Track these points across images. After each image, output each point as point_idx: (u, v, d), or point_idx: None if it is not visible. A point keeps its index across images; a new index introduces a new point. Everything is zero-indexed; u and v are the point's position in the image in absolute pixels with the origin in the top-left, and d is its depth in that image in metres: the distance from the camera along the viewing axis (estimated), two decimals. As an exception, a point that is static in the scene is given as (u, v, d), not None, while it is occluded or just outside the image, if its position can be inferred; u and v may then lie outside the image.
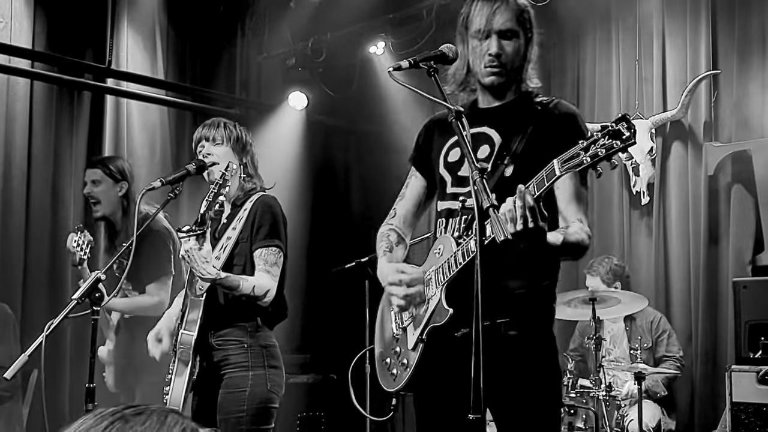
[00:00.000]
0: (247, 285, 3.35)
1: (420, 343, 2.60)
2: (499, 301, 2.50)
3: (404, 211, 2.94)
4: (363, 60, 7.04)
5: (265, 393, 3.40)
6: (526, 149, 2.56)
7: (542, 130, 2.58)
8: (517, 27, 2.61)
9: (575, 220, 2.54)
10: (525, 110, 2.65)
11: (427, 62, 2.50)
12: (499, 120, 2.67)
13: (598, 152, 2.05)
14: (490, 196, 2.17)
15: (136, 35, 6.60)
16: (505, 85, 2.67)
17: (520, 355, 2.54)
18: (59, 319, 3.32)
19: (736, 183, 5.47)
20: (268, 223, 3.48)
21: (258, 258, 3.44)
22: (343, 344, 6.91)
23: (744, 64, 5.51)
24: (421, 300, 2.65)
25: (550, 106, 2.65)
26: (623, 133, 2.02)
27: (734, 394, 4.51)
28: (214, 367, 3.43)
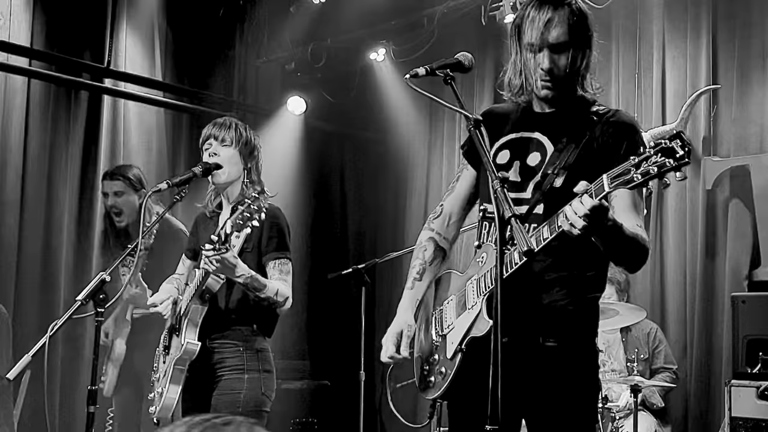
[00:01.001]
0: (272, 288, 3.40)
1: (459, 353, 2.57)
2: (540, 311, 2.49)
3: (451, 208, 2.83)
4: (363, 66, 7.04)
5: (259, 396, 3.43)
6: (578, 159, 2.49)
7: (597, 140, 2.52)
8: (570, 39, 2.51)
9: (633, 225, 2.43)
10: (580, 118, 2.58)
11: (443, 70, 2.48)
12: (552, 127, 2.60)
13: (649, 170, 1.99)
14: (511, 205, 2.15)
15: (135, 36, 6.57)
16: (560, 95, 2.59)
17: (558, 368, 2.50)
18: (63, 320, 3.29)
19: (734, 198, 5.48)
20: (279, 236, 3.50)
21: (272, 269, 3.48)
22: (338, 351, 6.90)
23: (744, 80, 5.54)
24: None
25: (607, 115, 2.57)
26: (677, 152, 1.96)
27: (733, 408, 4.52)
28: (209, 369, 3.45)
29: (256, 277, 3.35)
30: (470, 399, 2.60)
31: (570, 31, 2.51)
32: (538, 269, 2.51)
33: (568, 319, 2.52)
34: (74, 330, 5.80)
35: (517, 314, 2.13)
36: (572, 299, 2.52)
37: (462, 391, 2.62)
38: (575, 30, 2.52)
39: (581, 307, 2.55)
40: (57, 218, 6.07)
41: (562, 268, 2.51)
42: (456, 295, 2.69)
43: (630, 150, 2.40)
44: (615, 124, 2.54)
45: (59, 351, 5.84)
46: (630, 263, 2.56)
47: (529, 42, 2.54)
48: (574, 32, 2.52)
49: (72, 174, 6.18)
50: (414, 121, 7.23)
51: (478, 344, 2.51)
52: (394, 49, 6.67)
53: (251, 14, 7.20)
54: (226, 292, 3.47)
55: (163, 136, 6.74)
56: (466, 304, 2.62)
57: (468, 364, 2.56)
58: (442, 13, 5.99)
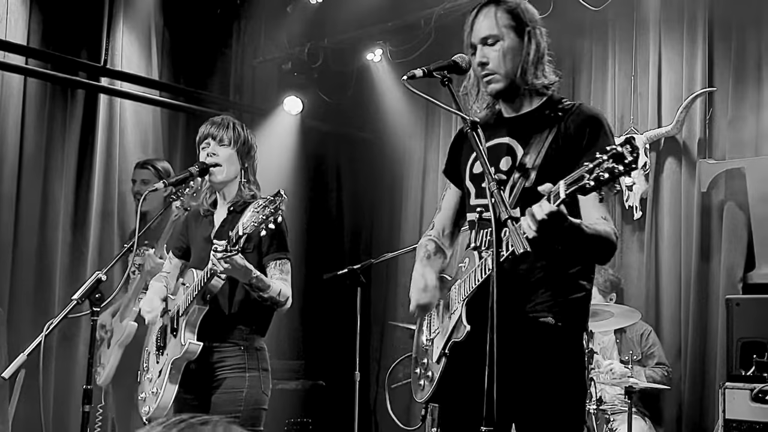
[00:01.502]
0: (275, 288, 3.41)
1: (443, 357, 2.59)
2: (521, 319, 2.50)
3: (441, 224, 2.91)
4: (360, 67, 7.04)
5: (260, 395, 3.45)
6: (547, 158, 2.52)
7: (564, 136, 2.55)
8: (496, 32, 2.59)
9: (598, 218, 2.48)
10: (546, 118, 2.61)
11: (440, 72, 2.51)
12: (520, 129, 2.64)
13: (600, 176, 2.03)
14: (508, 208, 2.17)
15: (132, 35, 6.56)
16: (510, 91, 2.64)
17: (543, 373, 2.51)
18: (59, 318, 3.31)
19: (728, 200, 5.50)
20: (279, 236, 3.50)
21: (273, 269, 3.48)
22: (333, 351, 6.91)
23: (739, 83, 5.55)
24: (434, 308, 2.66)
25: (572, 110, 2.60)
26: (626, 157, 2.00)
27: (727, 411, 4.53)
28: (208, 368, 3.44)
29: (261, 277, 3.35)
30: (459, 402, 2.63)
31: (497, 25, 2.59)
32: (527, 276, 2.53)
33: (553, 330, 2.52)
34: (69, 329, 5.79)
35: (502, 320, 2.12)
36: (556, 302, 2.53)
37: (451, 394, 2.64)
38: (503, 23, 2.60)
39: (566, 310, 2.55)
40: (52, 217, 6.06)
41: (551, 277, 2.53)
42: (443, 299, 2.72)
43: (592, 143, 2.46)
44: (579, 118, 2.57)
45: (54, 350, 5.82)
46: (596, 259, 2.61)
47: (466, 45, 2.65)
48: (502, 25, 2.60)
49: (68, 173, 6.17)
50: (410, 122, 7.24)
51: (462, 348, 2.53)
52: (391, 50, 6.68)
53: (248, 14, 7.19)
54: (229, 292, 3.47)
55: (160, 135, 6.73)
56: (449, 309, 2.65)
57: (453, 368, 2.58)
58: (439, 14, 5.99)
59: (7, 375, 3.20)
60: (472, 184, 2.72)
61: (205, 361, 3.43)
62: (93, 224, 6.16)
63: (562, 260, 2.52)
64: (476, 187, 2.70)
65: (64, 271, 6.03)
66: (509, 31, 2.60)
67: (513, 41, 2.61)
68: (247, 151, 3.58)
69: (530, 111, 2.66)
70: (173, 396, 3.40)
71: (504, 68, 2.60)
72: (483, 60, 2.59)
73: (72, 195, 6.20)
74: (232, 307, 3.47)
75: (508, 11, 2.62)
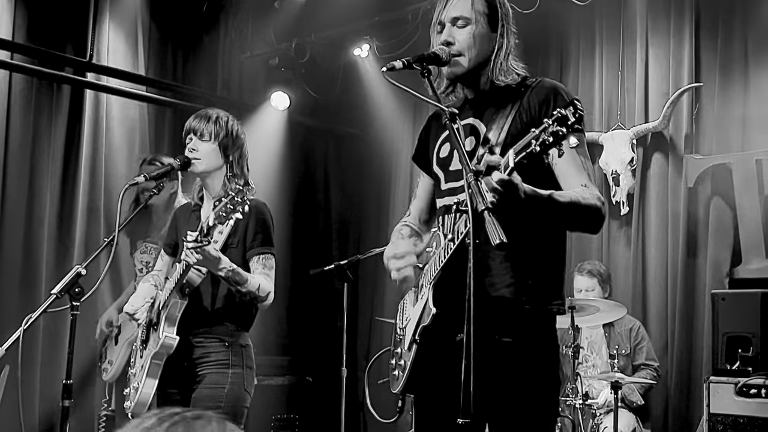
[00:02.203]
0: (254, 282, 3.37)
1: (414, 344, 2.56)
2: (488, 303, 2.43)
3: (417, 211, 2.90)
4: (347, 62, 7.04)
5: (242, 392, 3.42)
6: (509, 135, 2.50)
7: (526, 111, 2.53)
8: (470, 15, 2.56)
9: (578, 186, 2.45)
10: (506, 94, 2.59)
11: (420, 63, 2.48)
12: (481, 108, 2.62)
13: (546, 140, 2.03)
14: (486, 198, 2.12)
15: (118, 30, 6.52)
16: (471, 76, 2.61)
17: (514, 363, 2.47)
18: (38, 313, 3.33)
19: (715, 196, 5.51)
20: (264, 231, 3.49)
21: (256, 263, 3.46)
22: (320, 347, 6.90)
23: (726, 79, 5.56)
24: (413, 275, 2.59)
25: (531, 85, 2.59)
26: (569, 119, 2.00)
27: (712, 405, 4.54)
28: (191, 363, 3.42)
29: (237, 270, 3.32)
30: (434, 393, 2.59)
31: (472, 8, 2.57)
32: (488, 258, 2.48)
33: (522, 313, 2.49)
34: (55, 324, 5.76)
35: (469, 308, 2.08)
36: (524, 292, 2.49)
37: (423, 384, 2.62)
38: (479, 9, 2.58)
39: (535, 301, 2.51)
40: (38, 212, 6.03)
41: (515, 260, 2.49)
42: (414, 286, 2.70)
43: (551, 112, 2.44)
44: (539, 92, 2.55)
45: (39, 345, 5.80)
46: (583, 228, 2.57)
47: (434, 22, 2.61)
48: (477, 11, 2.57)
49: (54, 168, 6.14)
50: (398, 117, 7.23)
51: (432, 335, 2.51)
52: (378, 45, 6.67)
53: (235, 9, 7.17)
54: (212, 287, 3.45)
55: (146, 130, 6.69)
56: (418, 295, 2.63)
57: (425, 356, 2.55)
58: (426, 9, 5.97)
59: (-14, 369, 3.18)
60: (440, 169, 2.71)
61: (188, 356, 3.41)
62: (79, 220, 6.14)
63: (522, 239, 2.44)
64: (444, 171, 2.68)
65: (50, 267, 6.00)
66: (482, 18, 2.58)
67: (483, 29, 2.58)
68: (229, 144, 3.52)
69: (491, 89, 2.62)
70: (153, 391, 3.37)
71: (468, 53, 2.56)
72: (449, 39, 2.56)
73: (58, 190, 6.17)
74: (216, 302, 3.44)
75: (487, 2, 2.60)
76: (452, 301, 2.39)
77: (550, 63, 6.43)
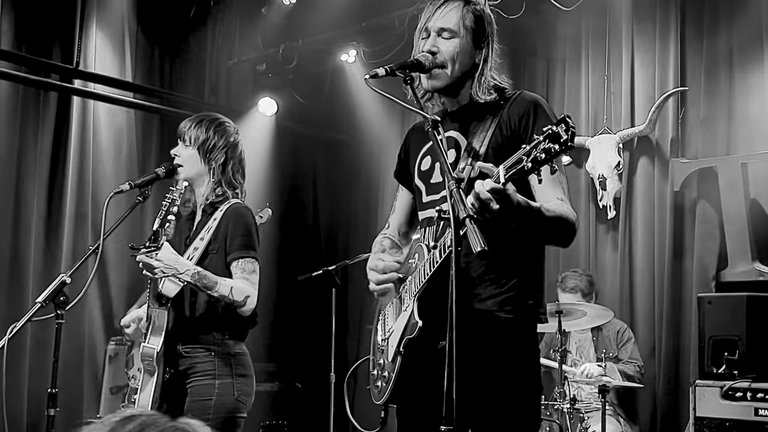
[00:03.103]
0: (225, 285, 3.27)
1: (398, 355, 2.56)
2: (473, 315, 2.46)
3: (396, 224, 2.92)
4: (334, 68, 7.06)
5: (232, 402, 3.33)
6: (490, 147, 2.51)
7: (506, 124, 2.54)
8: (457, 28, 2.56)
9: (553, 199, 2.46)
10: (487, 107, 2.60)
11: (403, 71, 2.48)
12: (463, 121, 2.63)
13: (538, 157, 2.03)
14: (467, 206, 2.14)
15: (105, 37, 6.53)
16: (452, 89, 2.62)
17: (496, 371, 2.49)
18: (22, 322, 3.28)
19: (701, 199, 5.53)
20: (242, 234, 3.38)
21: (235, 268, 3.35)
22: (308, 353, 6.90)
23: (711, 83, 5.59)
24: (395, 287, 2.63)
25: (512, 98, 2.59)
26: (561, 136, 2.00)
27: (698, 408, 4.55)
28: (181, 375, 3.37)
29: (204, 274, 3.24)
30: (415, 403, 2.60)
31: (461, 22, 2.57)
32: (469, 269, 2.50)
33: (504, 321, 2.51)
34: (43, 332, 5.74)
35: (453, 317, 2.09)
36: (502, 295, 2.51)
37: (406, 395, 2.61)
38: (467, 23, 2.58)
39: (517, 310, 2.52)
40: (25, 219, 6.03)
41: (495, 268, 2.50)
42: (396, 298, 2.69)
43: (533, 126, 2.47)
44: (521, 105, 2.56)
45: (27, 353, 5.78)
46: (557, 242, 2.58)
47: (420, 28, 2.61)
48: (465, 25, 2.58)
49: (41, 175, 6.14)
50: (385, 123, 7.25)
51: (416, 346, 2.50)
52: (365, 51, 6.69)
53: (222, 15, 7.18)
54: (191, 296, 3.39)
55: (133, 137, 6.70)
56: (402, 306, 2.62)
57: (409, 367, 2.55)
58: (412, 15, 5.98)
59: (-30, 378, 3.16)
60: (422, 181, 2.72)
61: (176, 367, 3.37)
62: (66, 227, 6.13)
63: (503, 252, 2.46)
64: (426, 184, 2.69)
65: (38, 274, 5.99)
66: (467, 33, 2.58)
67: (467, 44, 2.59)
68: (211, 149, 3.45)
69: (471, 102, 2.63)
70: (149, 401, 3.30)
71: (451, 65, 2.57)
72: (433, 49, 2.55)
73: (45, 198, 6.17)
74: (197, 311, 3.38)
75: (475, 14, 2.61)
76: (435, 310, 2.39)
77: (537, 68, 6.46)
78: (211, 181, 3.47)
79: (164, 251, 3.19)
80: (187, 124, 3.50)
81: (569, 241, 2.52)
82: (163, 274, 3.21)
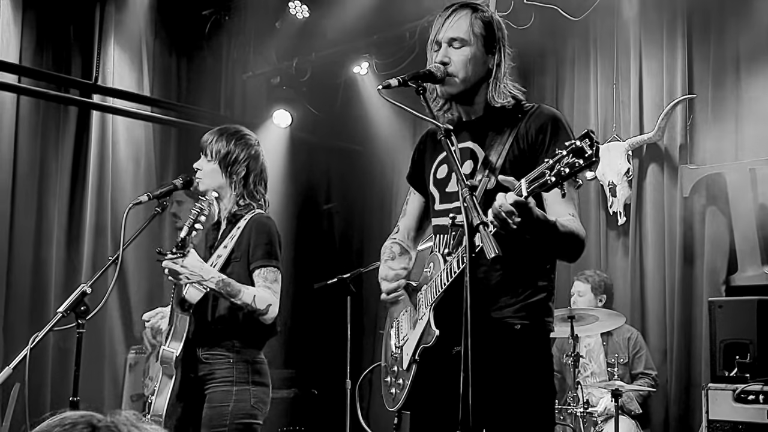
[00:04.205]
0: (248, 293, 3.32)
1: (413, 363, 2.58)
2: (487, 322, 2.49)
3: (406, 228, 2.94)
4: (347, 80, 7.14)
5: (249, 409, 3.37)
6: (507, 160, 2.54)
7: (524, 137, 2.56)
8: (467, 36, 2.59)
9: (565, 215, 2.47)
10: (505, 119, 2.62)
11: (415, 81, 2.52)
12: (480, 132, 2.65)
13: (561, 171, 2.04)
14: (480, 213, 2.16)
15: (123, 52, 6.65)
16: (465, 97, 2.65)
17: (511, 376, 2.51)
18: (44, 332, 3.31)
19: (710, 205, 5.58)
20: (266, 243, 3.42)
21: (257, 277, 3.40)
22: (324, 360, 6.96)
23: (718, 89, 5.64)
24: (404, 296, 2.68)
25: (530, 112, 2.62)
26: (586, 151, 2.00)
27: (711, 411, 4.58)
28: (200, 380, 3.42)
29: (228, 281, 3.30)
30: (430, 408, 2.61)
31: (470, 30, 2.60)
32: (486, 279, 2.53)
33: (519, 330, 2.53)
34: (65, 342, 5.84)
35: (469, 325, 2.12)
36: (518, 304, 2.53)
37: (421, 401, 2.64)
38: (476, 31, 2.61)
39: (528, 312, 2.55)
40: (47, 232, 6.13)
41: (511, 278, 2.53)
42: (410, 306, 2.72)
43: (552, 141, 2.49)
44: (539, 119, 2.58)
45: (50, 363, 5.88)
46: (567, 257, 2.62)
47: (432, 40, 2.65)
48: (475, 33, 2.61)
49: (61, 188, 6.25)
50: (398, 132, 7.30)
51: (431, 354, 2.53)
52: (377, 63, 6.76)
53: (237, 30, 7.28)
54: (212, 302, 3.43)
55: (152, 150, 6.81)
56: (417, 314, 2.65)
57: (423, 374, 2.58)
58: (423, 27, 6.05)
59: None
60: (436, 189, 2.74)
61: (196, 372, 3.42)
62: (87, 239, 6.23)
63: (519, 262, 2.51)
64: (440, 192, 2.72)
65: (59, 286, 6.08)
66: (478, 40, 2.61)
67: (478, 51, 2.62)
68: (232, 163, 3.51)
69: (489, 114, 2.67)
70: (166, 403, 3.34)
71: (464, 73, 2.60)
72: (444, 60, 2.59)
73: (66, 210, 6.27)
74: (217, 317, 3.42)
75: (484, 21, 2.63)
76: (451, 318, 2.42)
77: (546, 78, 6.52)
78: (233, 193, 3.53)
79: (191, 258, 3.25)
80: (209, 138, 3.55)
81: (577, 256, 2.56)
82: (188, 280, 3.27)
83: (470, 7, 2.65)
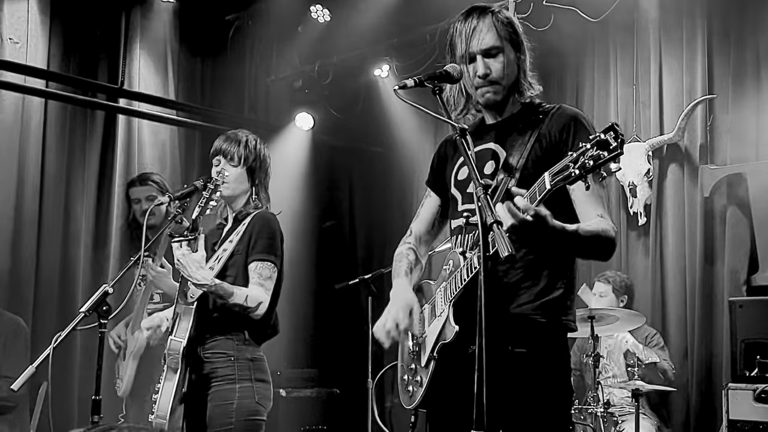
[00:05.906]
0: (240, 294, 3.37)
1: (432, 360, 2.59)
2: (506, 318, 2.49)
3: (418, 231, 2.95)
4: (368, 82, 7.20)
5: (253, 405, 3.41)
6: (529, 160, 2.55)
7: (545, 137, 2.58)
8: (500, 43, 2.61)
9: (594, 216, 2.47)
10: (527, 121, 2.65)
11: (431, 81, 2.53)
12: (502, 134, 2.67)
13: (586, 163, 2.04)
14: (494, 212, 2.15)
15: (148, 57, 6.76)
16: (504, 101, 2.67)
17: (528, 374, 2.51)
18: (67, 331, 3.36)
19: (731, 205, 5.57)
20: (265, 238, 3.49)
21: (252, 271, 3.45)
22: (346, 360, 7.02)
23: (738, 89, 5.63)
24: None
25: (551, 111, 2.64)
26: (610, 144, 2.00)
27: (731, 411, 4.57)
28: (203, 379, 3.44)
29: (221, 284, 3.35)
30: (447, 407, 2.63)
31: (499, 36, 2.62)
32: (506, 276, 2.54)
33: (537, 325, 2.53)
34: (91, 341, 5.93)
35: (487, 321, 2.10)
36: (537, 302, 2.54)
37: (439, 399, 2.65)
38: (503, 35, 2.63)
39: (548, 309, 2.55)
40: (74, 234, 6.23)
41: (531, 276, 2.55)
42: (429, 303, 2.74)
43: (574, 139, 2.50)
44: (561, 119, 2.60)
45: (77, 362, 5.97)
46: (596, 257, 2.61)
47: (461, 54, 2.64)
48: (503, 37, 2.63)
49: (88, 191, 6.35)
50: (419, 134, 7.34)
51: (449, 351, 2.54)
52: (398, 65, 6.81)
53: (260, 35, 7.36)
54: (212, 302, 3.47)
55: (177, 153, 6.90)
56: (435, 312, 2.66)
57: (441, 371, 2.59)
58: (443, 30, 6.09)
59: (17, 387, 3.24)
60: (458, 191, 2.75)
61: (199, 372, 3.44)
62: (113, 240, 6.31)
63: (538, 260, 2.53)
64: (462, 193, 2.73)
65: (86, 286, 6.16)
66: (508, 44, 2.64)
67: (512, 53, 2.65)
68: (258, 167, 3.63)
69: (512, 116, 2.70)
70: (171, 397, 3.34)
71: (506, 80, 2.63)
72: (486, 71, 2.60)
73: (93, 212, 6.37)
74: (217, 316, 3.46)
75: (506, 23, 2.65)
76: (469, 315, 2.42)
77: (566, 79, 6.54)
78: (251, 195, 3.63)
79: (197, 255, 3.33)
80: (231, 143, 3.61)
81: (609, 255, 2.54)
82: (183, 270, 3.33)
83: (489, 11, 2.66)
